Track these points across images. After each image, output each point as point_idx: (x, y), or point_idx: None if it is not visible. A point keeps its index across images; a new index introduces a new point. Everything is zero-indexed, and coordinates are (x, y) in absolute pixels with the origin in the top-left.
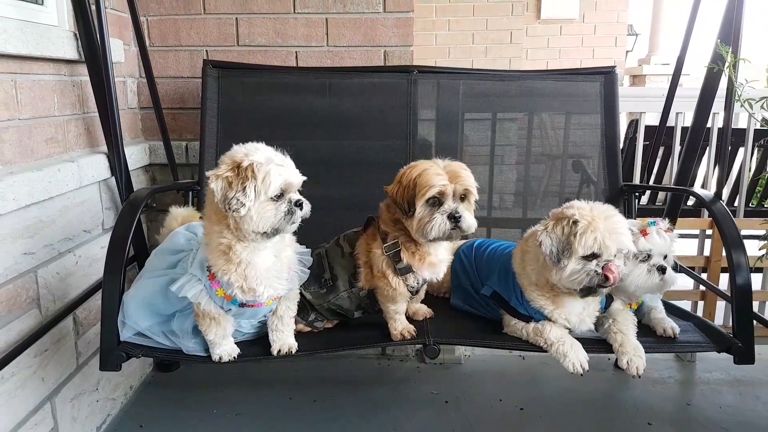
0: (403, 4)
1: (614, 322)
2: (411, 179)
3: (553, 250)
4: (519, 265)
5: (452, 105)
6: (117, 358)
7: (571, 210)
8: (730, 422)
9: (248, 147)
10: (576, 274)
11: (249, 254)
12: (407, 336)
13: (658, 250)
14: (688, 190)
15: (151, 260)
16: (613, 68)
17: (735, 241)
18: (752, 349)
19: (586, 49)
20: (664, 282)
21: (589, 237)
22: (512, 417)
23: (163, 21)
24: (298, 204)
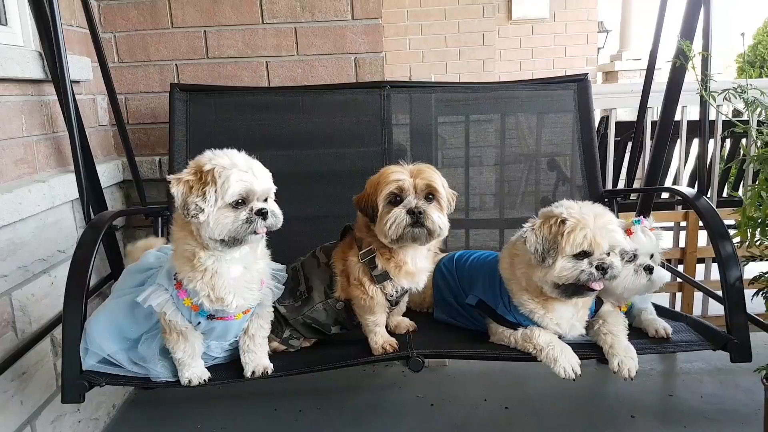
0: (371, 11)
1: (604, 324)
2: (374, 182)
3: (538, 248)
4: (508, 271)
5: (426, 119)
6: (79, 388)
7: (560, 209)
8: (712, 411)
9: (217, 151)
10: (566, 271)
11: (214, 263)
12: (389, 350)
13: (644, 249)
14: (674, 189)
15: (120, 281)
16: (585, 75)
17: (722, 235)
18: (748, 345)
19: (558, 48)
20: (652, 282)
21: (578, 235)
22: (498, 416)
23: (131, 37)
24: (260, 213)
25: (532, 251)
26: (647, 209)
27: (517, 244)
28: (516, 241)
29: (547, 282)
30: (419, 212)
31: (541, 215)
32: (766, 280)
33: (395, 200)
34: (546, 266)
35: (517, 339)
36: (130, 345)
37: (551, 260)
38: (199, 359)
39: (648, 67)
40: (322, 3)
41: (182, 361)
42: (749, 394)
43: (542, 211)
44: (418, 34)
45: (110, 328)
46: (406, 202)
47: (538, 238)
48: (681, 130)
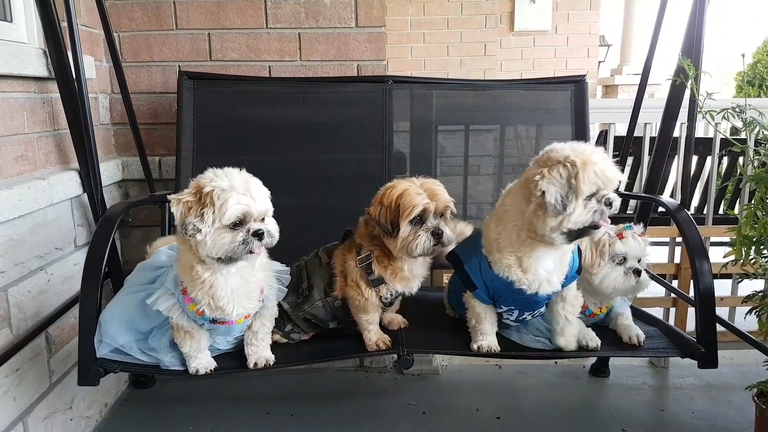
0: (375, 20)
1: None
2: (393, 200)
3: (558, 197)
4: (494, 230)
5: (426, 114)
6: (95, 373)
7: (562, 152)
8: (703, 427)
9: (218, 172)
10: (581, 215)
11: (211, 276)
12: (382, 346)
13: (633, 253)
14: (655, 199)
15: (132, 276)
16: (583, 77)
17: (698, 249)
18: (715, 354)
19: (559, 60)
20: (639, 284)
21: (589, 173)
22: (489, 426)
23: (135, 37)
24: (256, 234)
25: (552, 201)
26: (644, 222)
27: (506, 199)
28: (505, 196)
29: (559, 229)
30: (441, 233)
31: (539, 163)
32: (759, 299)
33: (416, 221)
34: (566, 214)
35: (468, 299)
36: (141, 337)
37: (572, 206)
38: (205, 351)
39: (640, 84)
40: (327, 10)
41: (189, 355)
42: (740, 411)
43: (536, 158)
44: (421, 42)
45: (123, 321)
46: (429, 225)
47: (556, 186)
48: (679, 147)
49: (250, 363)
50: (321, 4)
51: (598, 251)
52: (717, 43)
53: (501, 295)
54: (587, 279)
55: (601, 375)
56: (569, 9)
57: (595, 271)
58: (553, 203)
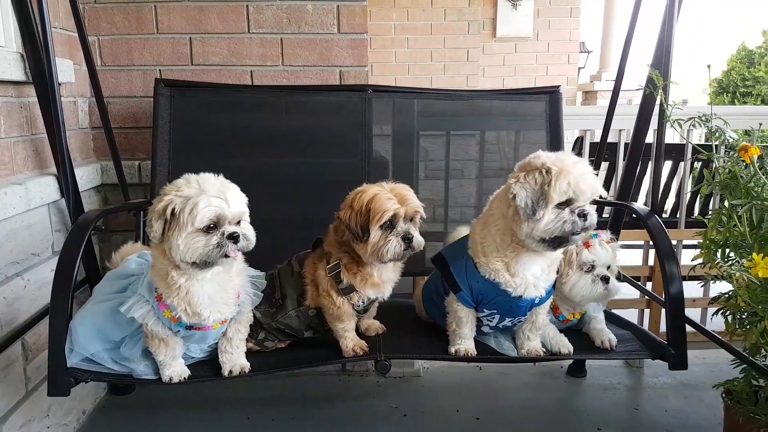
0: (356, 26)
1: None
2: (363, 204)
3: (528, 202)
4: (480, 234)
5: (407, 123)
6: (65, 383)
7: (541, 159)
8: (676, 425)
9: (191, 177)
10: (551, 223)
11: (187, 281)
12: (359, 352)
13: (601, 261)
14: (627, 205)
15: (101, 285)
16: (557, 88)
17: (668, 254)
18: (685, 356)
19: (540, 67)
20: (608, 291)
21: (562, 182)
22: (469, 427)
23: (115, 41)
24: (231, 237)
25: (522, 206)
26: (618, 227)
27: (492, 204)
28: (492, 201)
29: (533, 236)
30: (411, 237)
31: (521, 168)
32: (724, 300)
33: (387, 225)
34: (535, 219)
35: (449, 302)
36: (112, 346)
37: (542, 211)
38: (179, 359)
39: (612, 93)
40: (309, 16)
41: (163, 362)
42: (711, 409)
43: (520, 163)
44: (405, 47)
45: (93, 331)
46: (399, 229)
47: (527, 191)
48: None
49: (225, 371)
50: (303, 10)
51: (566, 260)
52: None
53: (485, 297)
54: (558, 288)
55: (578, 375)
56: (550, 16)
57: (565, 280)
58: (523, 207)
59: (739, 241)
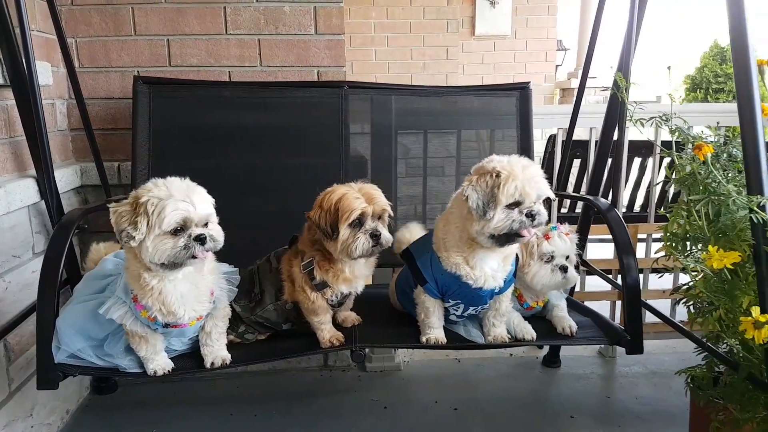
0: (333, 27)
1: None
2: (332, 204)
3: (479, 203)
4: (442, 230)
5: (384, 119)
6: (54, 377)
7: (492, 163)
8: (645, 411)
9: (158, 181)
10: (501, 222)
11: (159, 282)
12: (336, 343)
13: (560, 251)
14: (589, 199)
15: (80, 286)
16: (527, 84)
17: (625, 246)
18: (640, 341)
19: (518, 64)
20: (566, 279)
21: (510, 186)
22: (447, 417)
23: (92, 43)
24: (198, 239)
25: (474, 207)
26: (586, 222)
27: (453, 204)
28: (453, 201)
29: (484, 234)
30: (378, 234)
31: (475, 171)
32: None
33: (355, 223)
34: (487, 219)
35: (423, 300)
36: (96, 344)
37: (492, 212)
38: (162, 353)
39: (577, 95)
40: (286, 17)
41: (146, 357)
42: (679, 395)
43: (475, 167)
44: (384, 45)
45: (76, 330)
46: (367, 227)
47: (478, 193)
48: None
49: (207, 363)
50: (280, 11)
51: (527, 252)
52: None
53: (449, 289)
54: (521, 277)
55: (553, 365)
56: (528, 14)
57: (527, 270)
58: (474, 208)
59: (698, 234)
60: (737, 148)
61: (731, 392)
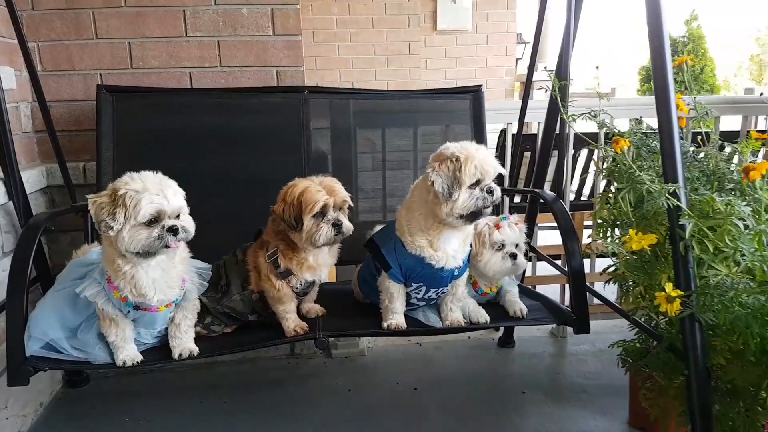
0: (291, 28)
1: (453, 297)
2: (295, 197)
3: (445, 186)
4: (405, 218)
5: (344, 121)
6: (25, 373)
7: (449, 150)
8: (591, 385)
9: (134, 175)
10: (467, 201)
11: (132, 269)
12: (300, 332)
13: (510, 240)
14: (536, 192)
15: (64, 272)
16: (479, 87)
17: (569, 233)
18: (586, 321)
19: (480, 58)
20: (516, 266)
21: (470, 167)
22: (407, 396)
23: (54, 47)
24: (170, 230)
25: (440, 190)
26: (533, 212)
27: (414, 193)
28: (413, 191)
29: (453, 214)
30: (340, 224)
31: (434, 159)
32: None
33: (318, 215)
34: (452, 200)
35: (387, 286)
36: (70, 333)
37: (457, 193)
38: (131, 343)
39: (524, 92)
40: (245, 19)
41: (116, 344)
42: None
43: (433, 155)
44: (347, 41)
45: (53, 317)
46: (329, 217)
47: (443, 177)
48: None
49: (175, 354)
50: (239, 14)
51: (480, 241)
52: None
53: (412, 272)
54: (474, 265)
55: (508, 346)
56: (488, 9)
57: (480, 258)
58: (441, 191)
59: (624, 219)
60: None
61: (655, 361)
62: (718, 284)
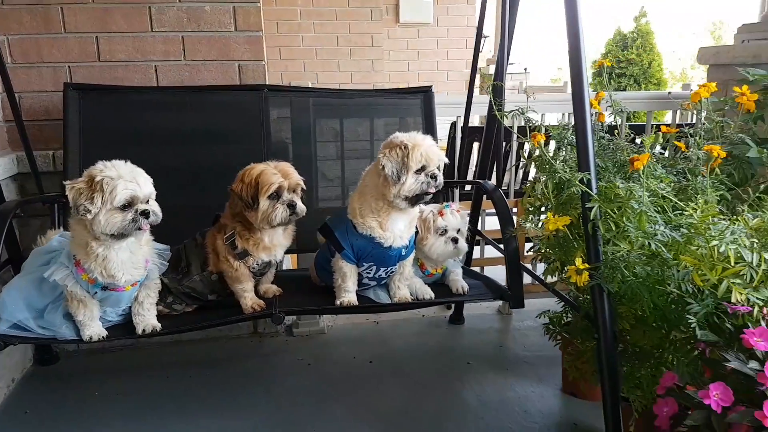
0: (252, 25)
1: (401, 276)
2: (252, 178)
3: (394, 170)
4: (357, 201)
5: (303, 118)
6: None
7: (399, 138)
8: (531, 357)
9: (107, 163)
10: (413, 184)
11: (104, 251)
12: (257, 309)
13: (452, 226)
14: (478, 182)
15: (28, 260)
16: (429, 88)
17: (506, 218)
18: (520, 296)
19: (441, 51)
20: (457, 249)
21: (417, 154)
22: (363, 369)
23: (24, 40)
24: (143, 213)
25: (390, 173)
26: (478, 201)
27: (366, 179)
28: (364, 176)
29: (400, 196)
30: (294, 205)
31: (385, 146)
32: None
33: (274, 196)
34: (400, 183)
35: (340, 266)
36: (37, 314)
37: (404, 177)
38: (97, 321)
39: (468, 89)
40: (208, 15)
41: (83, 323)
42: None
43: (384, 143)
44: (311, 32)
45: (20, 300)
46: (284, 198)
47: (392, 162)
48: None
49: (139, 330)
50: (202, 11)
51: (425, 227)
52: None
53: (363, 251)
54: (420, 248)
55: (458, 323)
56: (448, 3)
57: (425, 242)
58: (390, 175)
59: (548, 204)
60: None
61: (574, 329)
62: (616, 257)
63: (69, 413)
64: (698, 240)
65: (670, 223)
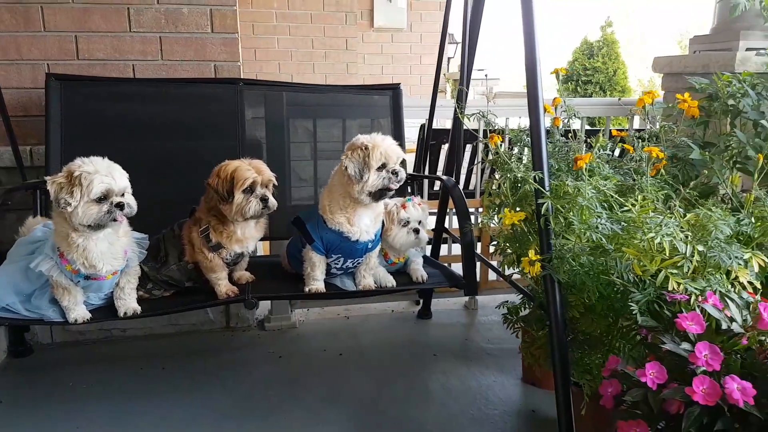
0: (228, 27)
1: (367, 266)
2: (228, 173)
3: (356, 170)
4: (327, 198)
5: (277, 112)
6: None
7: (360, 140)
8: (494, 349)
9: (85, 160)
10: (375, 181)
11: (84, 241)
12: (231, 294)
13: (414, 218)
14: (441, 178)
15: (13, 249)
16: (398, 85)
17: (463, 213)
18: (474, 284)
19: (414, 56)
20: (418, 239)
21: (377, 153)
22: (333, 361)
23: (3, 37)
24: (118, 205)
25: (353, 173)
26: (446, 196)
27: (335, 178)
28: (333, 175)
29: (363, 192)
30: (266, 199)
31: (349, 147)
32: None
33: (247, 190)
34: (363, 181)
35: (310, 257)
36: (24, 299)
37: (366, 174)
38: (81, 305)
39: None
40: (185, 17)
41: (68, 308)
42: None
43: (347, 145)
44: (287, 34)
45: (7, 285)
46: (257, 192)
47: (354, 162)
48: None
49: (120, 312)
50: (179, 13)
51: (389, 218)
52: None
53: (332, 245)
54: (385, 239)
55: (426, 317)
56: (422, 9)
57: (389, 233)
58: (353, 174)
59: (506, 201)
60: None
61: (530, 318)
62: (564, 249)
63: (44, 402)
64: (639, 233)
65: (613, 218)
